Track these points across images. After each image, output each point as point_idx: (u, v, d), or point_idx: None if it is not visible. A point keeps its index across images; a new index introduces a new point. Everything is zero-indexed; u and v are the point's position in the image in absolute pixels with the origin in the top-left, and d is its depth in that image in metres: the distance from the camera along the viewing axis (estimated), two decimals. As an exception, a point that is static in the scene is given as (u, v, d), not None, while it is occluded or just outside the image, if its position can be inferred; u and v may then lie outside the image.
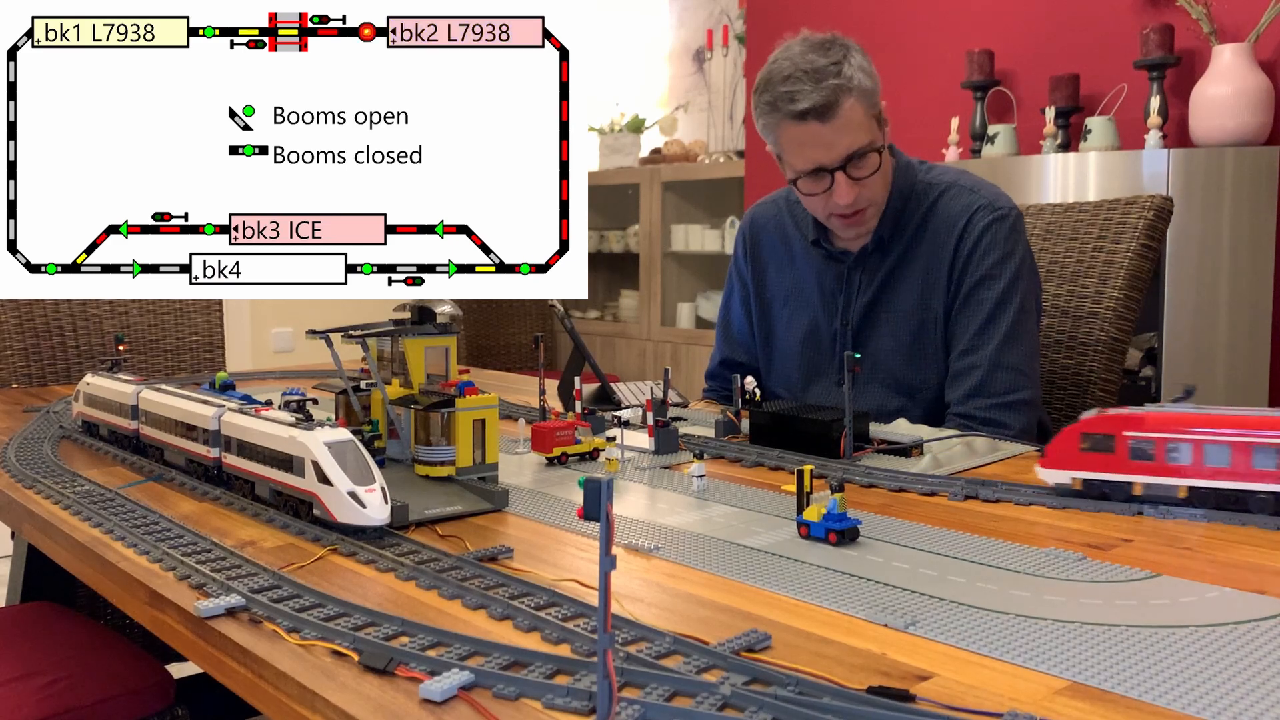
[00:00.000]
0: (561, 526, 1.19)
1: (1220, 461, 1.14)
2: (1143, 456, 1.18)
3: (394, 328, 1.38)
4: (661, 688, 0.74)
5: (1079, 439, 1.21)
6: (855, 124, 1.69)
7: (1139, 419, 1.17)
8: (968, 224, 1.75)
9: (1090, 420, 1.21)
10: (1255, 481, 1.13)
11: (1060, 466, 1.23)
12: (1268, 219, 2.84)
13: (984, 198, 1.77)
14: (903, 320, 1.80)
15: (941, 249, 1.77)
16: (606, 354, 5.04)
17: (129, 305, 2.67)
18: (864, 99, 1.69)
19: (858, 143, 1.69)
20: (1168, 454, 1.17)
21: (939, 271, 1.77)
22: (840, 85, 1.67)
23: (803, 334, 1.92)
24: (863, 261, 1.84)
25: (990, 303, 1.73)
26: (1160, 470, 1.17)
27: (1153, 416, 1.17)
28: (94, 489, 1.36)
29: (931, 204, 1.80)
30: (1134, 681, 0.75)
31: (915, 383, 1.80)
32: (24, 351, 2.51)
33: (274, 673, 0.82)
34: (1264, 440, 1.12)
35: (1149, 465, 1.18)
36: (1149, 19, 3.03)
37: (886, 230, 1.80)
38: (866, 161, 1.71)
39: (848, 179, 1.71)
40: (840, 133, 1.68)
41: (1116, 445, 1.18)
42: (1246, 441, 1.13)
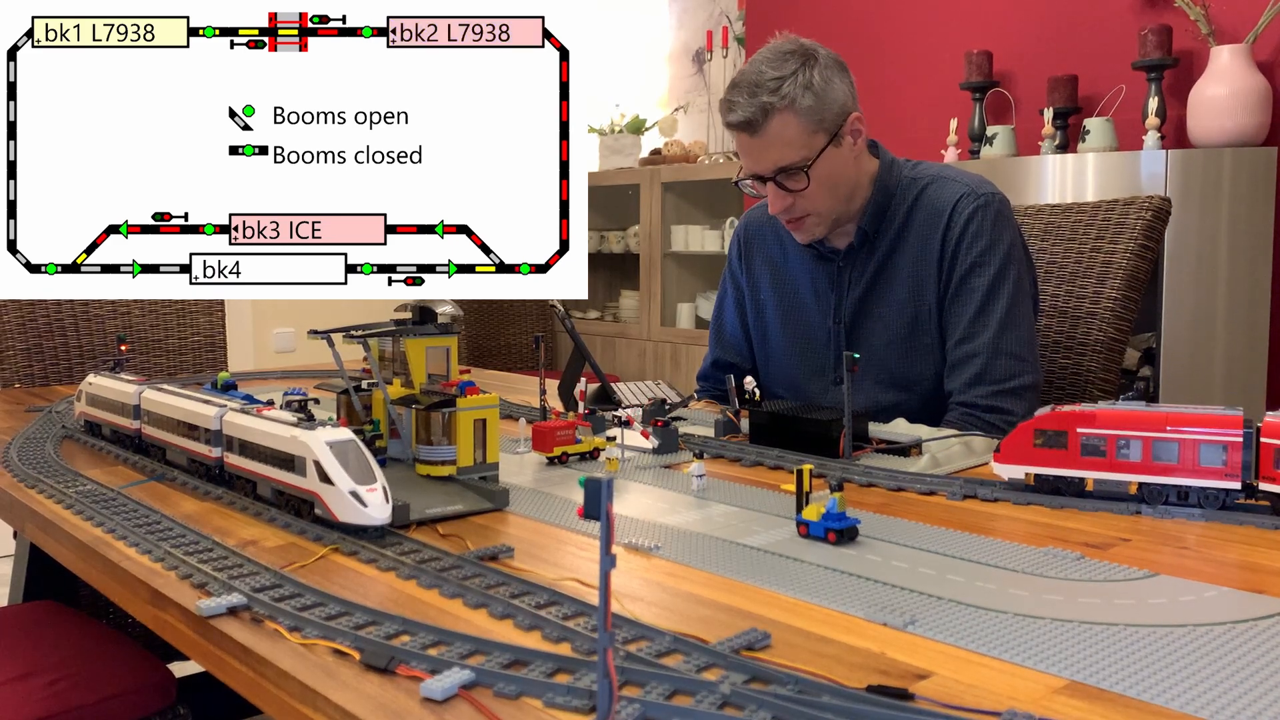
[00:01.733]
0: (562, 526, 1.20)
1: (1169, 458, 1.17)
2: (1094, 453, 1.20)
3: (395, 328, 1.38)
4: (661, 686, 0.74)
5: (1033, 435, 1.24)
6: (785, 140, 1.71)
7: (1090, 416, 1.20)
8: (953, 212, 1.76)
9: (1044, 417, 1.24)
10: (1202, 478, 1.16)
11: (1014, 462, 1.26)
12: (1265, 219, 2.84)
13: (967, 186, 1.78)
14: (895, 314, 1.81)
15: (929, 240, 1.78)
16: (606, 354, 5.04)
17: (131, 305, 2.67)
18: (804, 115, 1.70)
19: (786, 158, 1.72)
20: (1118, 450, 1.19)
21: (929, 263, 1.78)
22: (770, 104, 1.69)
23: (797, 334, 1.93)
24: (852, 259, 1.85)
25: (982, 290, 1.74)
26: (1111, 466, 1.20)
27: (1104, 413, 1.20)
28: (96, 488, 1.36)
29: (916, 198, 1.81)
30: (1132, 680, 0.75)
31: (910, 376, 1.81)
32: (26, 351, 2.51)
33: (275, 672, 0.83)
34: (1211, 437, 1.15)
35: (1100, 461, 1.20)
36: (1147, 20, 3.04)
37: (870, 226, 1.81)
38: (795, 178, 1.73)
39: (778, 189, 1.74)
40: (768, 147, 1.72)
41: (1069, 441, 1.21)
42: (1194, 439, 1.15)
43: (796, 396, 1.94)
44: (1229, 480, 1.15)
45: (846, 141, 1.76)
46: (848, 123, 1.75)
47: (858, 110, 1.77)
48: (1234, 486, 1.15)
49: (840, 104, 1.73)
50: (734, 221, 4.52)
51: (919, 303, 1.79)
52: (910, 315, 1.80)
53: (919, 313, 1.79)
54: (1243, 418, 1.15)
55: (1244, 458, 1.14)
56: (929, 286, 1.78)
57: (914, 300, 1.79)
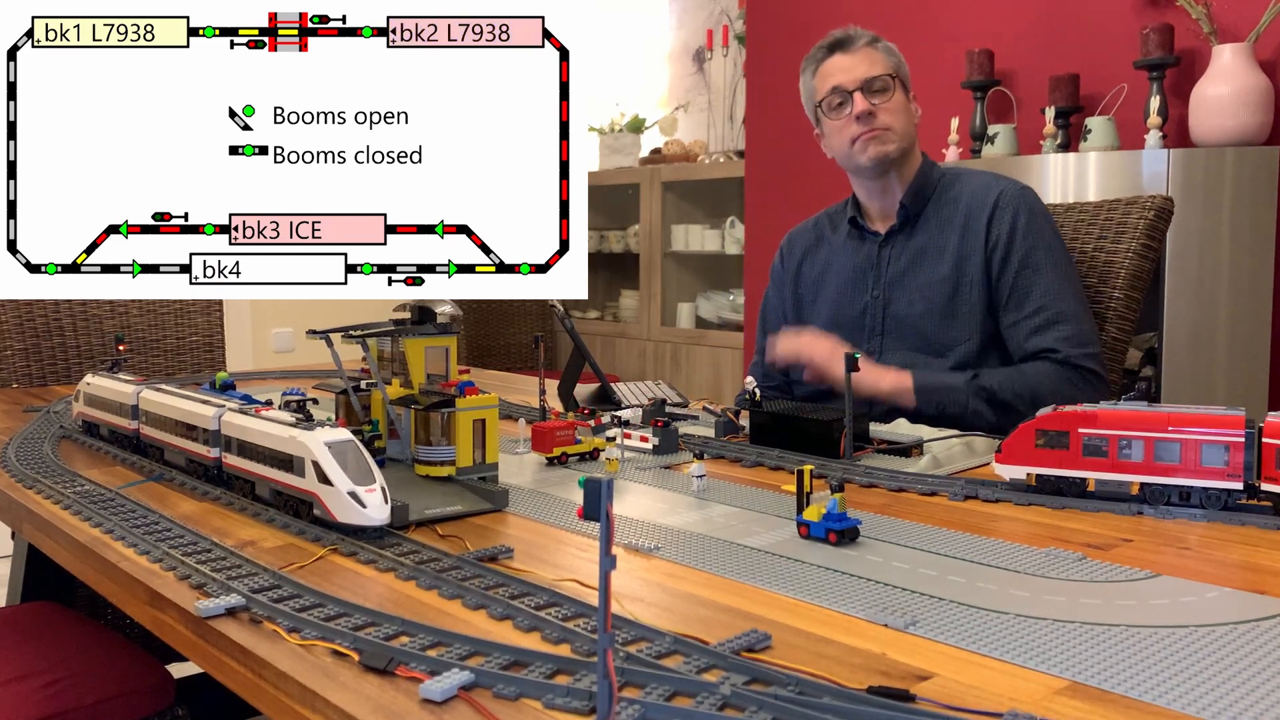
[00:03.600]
0: (561, 526, 1.19)
1: (1171, 459, 1.17)
2: (1096, 453, 1.20)
3: (394, 328, 1.38)
4: (661, 688, 0.74)
5: (1034, 435, 1.24)
6: (873, 60, 1.92)
7: (1092, 416, 1.21)
8: (1000, 197, 1.88)
9: (1045, 417, 1.24)
10: (1204, 479, 1.16)
11: (1016, 462, 1.27)
12: (1268, 219, 2.84)
13: (1006, 181, 1.93)
14: (936, 286, 1.88)
15: (975, 221, 1.87)
16: (606, 354, 5.04)
17: (129, 305, 2.67)
18: (887, 54, 1.94)
19: (875, 70, 1.91)
20: (1120, 451, 1.19)
21: (974, 242, 1.87)
22: (864, 34, 1.95)
23: (830, 310, 2.00)
24: (892, 239, 1.95)
25: (1051, 262, 1.83)
26: (1113, 467, 1.20)
27: (1105, 414, 1.20)
28: (94, 489, 1.36)
29: (954, 187, 1.94)
30: (1134, 681, 0.75)
31: (945, 341, 1.86)
32: (24, 351, 2.51)
33: (274, 673, 0.82)
34: (1212, 438, 1.15)
35: (1102, 461, 1.20)
36: (1149, 19, 3.03)
37: (911, 204, 1.92)
38: (882, 87, 1.90)
39: (864, 96, 1.91)
40: (858, 63, 1.92)
41: (1070, 442, 1.22)
42: (1196, 439, 1.15)
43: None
44: (1231, 481, 1.15)
45: (913, 105, 1.96)
46: (912, 94, 1.97)
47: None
48: (1236, 487, 1.15)
49: (908, 77, 1.96)
50: (734, 221, 4.52)
51: (961, 275, 1.86)
52: (951, 287, 1.87)
53: (960, 284, 1.87)
54: (1245, 418, 1.15)
55: (1246, 458, 1.14)
56: (974, 261, 1.86)
57: (955, 274, 1.87)
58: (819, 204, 2.23)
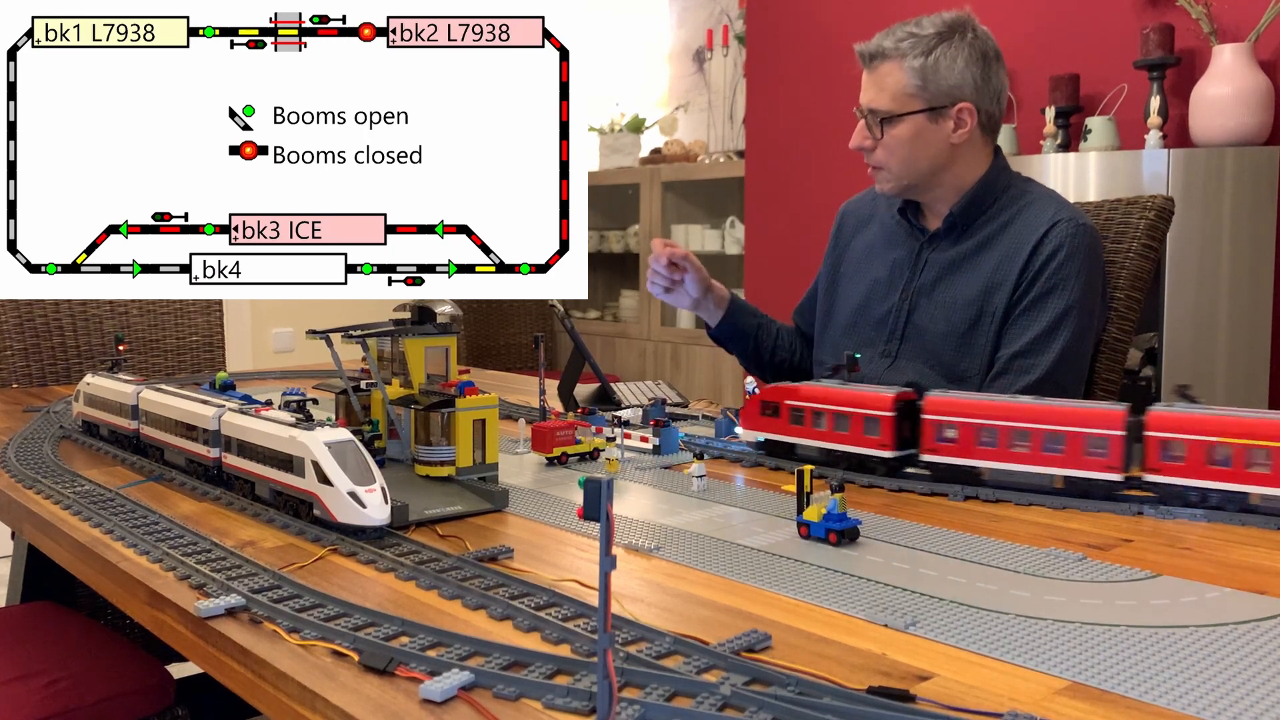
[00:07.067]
0: (561, 526, 1.19)
1: (841, 428, 1.39)
2: (799, 421, 1.43)
3: (394, 328, 1.38)
4: (661, 688, 0.74)
5: (759, 405, 1.47)
6: (882, 86, 1.80)
7: (793, 390, 1.43)
8: (1049, 230, 1.76)
9: (765, 390, 1.46)
10: (866, 447, 1.36)
11: (749, 428, 1.49)
12: (1268, 219, 2.84)
13: (1069, 212, 1.80)
14: (961, 308, 1.81)
15: (1017, 251, 1.78)
16: (606, 354, 5.04)
17: (129, 305, 2.67)
18: (908, 74, 1.78)
19: (877, 102, 1.80)
20: (815, 420, 1.41)
21: (1009, 270, 1.78)
22: (885, 49, 1.80)
23: (861, 298, 1.95)
24: (935, 243, 1.87)
25: (1056, 313, 1.73)
26: (811, 434, 1.42)
27: (805, 389, 1.43)
28: (94, 489, 1.36)
29: (1018, 208, 1.82)
30: (1134, 681, 0.75)
31: (959, 371, 1.80)
32: (24, 351, 2.51)
33: (274, 673, 0.82)
34: (869, 413, 1.35)
35: (805, 429, 1.42)
36: (1149, 19, 3.03)
37: (960, 215, 1.83)
38: (875, 124, 1.80)
39: (863, 125, 1.83)
40: (870, 85, 1.82)
41: (781, 411, 1.44)
42: (859, 414, 1.36)
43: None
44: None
45: (946, 124, 1.79)
46: (955, 108, 1.78)
47: (976, 103, 1.79)
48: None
49: (953, 86, 1.78)
50: (734, 221, 4.52)
51: (986, 303, 1.79)
52: (975, 313, 1.79)
53: (983, 313, 1.79)
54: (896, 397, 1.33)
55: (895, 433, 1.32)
56: (1003, 292, 1.77)
57: (982, 299, 1.79)
58: (819, 204, 2.22)
